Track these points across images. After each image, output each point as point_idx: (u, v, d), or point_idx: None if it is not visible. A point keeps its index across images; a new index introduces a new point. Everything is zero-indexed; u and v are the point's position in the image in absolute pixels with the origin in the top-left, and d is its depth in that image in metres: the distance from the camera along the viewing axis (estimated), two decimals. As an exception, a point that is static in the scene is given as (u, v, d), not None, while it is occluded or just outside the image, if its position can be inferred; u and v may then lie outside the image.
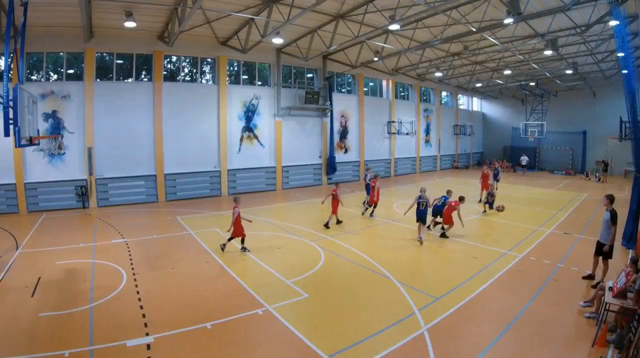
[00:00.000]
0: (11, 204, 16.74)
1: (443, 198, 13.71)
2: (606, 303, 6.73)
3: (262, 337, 6.71)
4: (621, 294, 6.67)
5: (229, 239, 11.39)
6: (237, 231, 11.22)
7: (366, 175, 18.56)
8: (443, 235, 13.08)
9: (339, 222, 14.86)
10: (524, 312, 7.62)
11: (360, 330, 6.87)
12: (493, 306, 8.00)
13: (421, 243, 12.32)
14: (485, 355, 6.13)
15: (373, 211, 16.47)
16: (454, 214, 13.14)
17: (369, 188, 17.02)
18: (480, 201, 18.72)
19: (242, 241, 11.50)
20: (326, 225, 14.33)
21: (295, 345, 6.45)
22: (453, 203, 13.25)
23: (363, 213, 16.67)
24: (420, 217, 12.60)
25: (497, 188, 21.17)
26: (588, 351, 6.31)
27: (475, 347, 6.37)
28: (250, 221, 11.94)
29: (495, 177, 21.81)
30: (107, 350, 6.18)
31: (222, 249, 11.38)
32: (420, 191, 12.89)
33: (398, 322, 7.19)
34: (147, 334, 6.65)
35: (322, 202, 16.12)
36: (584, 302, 7.85)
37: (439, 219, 13.66)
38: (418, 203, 12.63)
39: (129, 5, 14.97)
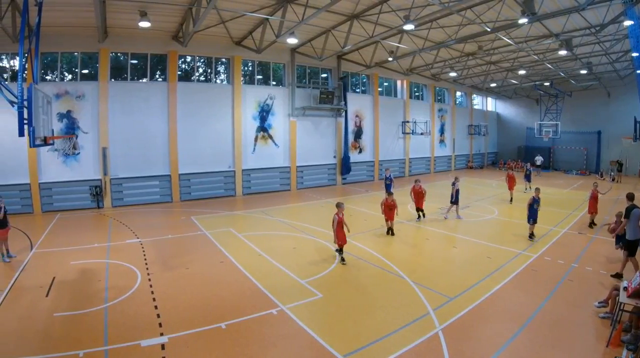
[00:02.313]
0: (26, 204, 16.90)
1: (535, 200, 12.98)
2: (621, 303, 6.71)
3: (277, 337, 6.63)
4: (636, 294, 6.59)
5: (338, 250, 10.65)
6: (339, 238, 10.43)
7: (389, 176, 19.32)
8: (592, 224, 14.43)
9: (391, 232, 13.51)
10: (539, 312, 7.55)
11: (374, 330, 6.81)
12: (507, 306, 7.91)
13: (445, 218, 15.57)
14: (500, 355, 6.08)
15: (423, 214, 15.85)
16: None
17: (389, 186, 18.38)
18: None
19: (340, 250, 10.55)
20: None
21: (309, 345, 6.39)
22: (594, 192, 14.77)
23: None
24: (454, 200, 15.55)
25: (529, 188, 22.37)
26: (602, 351, 6.24)
27: (489, 347, 6.32)
28: (349, 231, 10.94)
29: (527, 177, 23.27)
30: (121, 350, 6.13)
31: (343, 262, 10.37)
32: (455, 179, 15.83)
33: (412, 322, 7.12)
34: (161, 334, 6.59)
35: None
36: (599, 302, 7.77)
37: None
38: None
39: (143, 5, 15.00)
